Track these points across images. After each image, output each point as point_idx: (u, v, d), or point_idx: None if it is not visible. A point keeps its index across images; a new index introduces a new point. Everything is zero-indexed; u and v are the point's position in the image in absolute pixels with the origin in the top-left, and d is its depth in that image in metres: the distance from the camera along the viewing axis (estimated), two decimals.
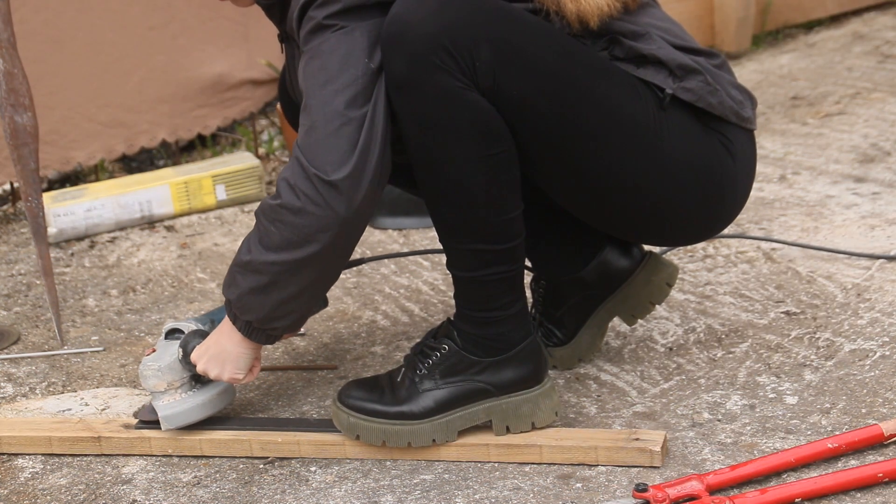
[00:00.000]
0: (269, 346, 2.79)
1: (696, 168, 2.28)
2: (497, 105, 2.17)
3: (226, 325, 2.32)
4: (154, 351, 2.42)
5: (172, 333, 2.43)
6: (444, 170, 2.19)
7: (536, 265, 2.56)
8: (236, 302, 2.26)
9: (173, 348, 2.40)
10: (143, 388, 2.47)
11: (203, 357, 2.35)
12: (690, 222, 2.35)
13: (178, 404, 2.40)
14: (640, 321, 2.70)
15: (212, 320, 2.46)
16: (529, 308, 2.58)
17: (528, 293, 2.59)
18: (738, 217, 3.19)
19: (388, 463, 2.35)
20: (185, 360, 2.39)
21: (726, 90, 2.30)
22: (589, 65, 2.21)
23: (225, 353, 2.33)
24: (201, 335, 2.40)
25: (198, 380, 2.42)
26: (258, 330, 2.29)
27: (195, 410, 2.40)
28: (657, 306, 2.60)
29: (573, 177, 2.26)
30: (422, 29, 2.12)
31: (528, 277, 2.69)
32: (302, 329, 2.85)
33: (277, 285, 2.20)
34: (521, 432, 2.32)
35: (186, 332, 2.41)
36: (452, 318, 2.33)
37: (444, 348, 2.30)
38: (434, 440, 2.31)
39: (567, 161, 2.24)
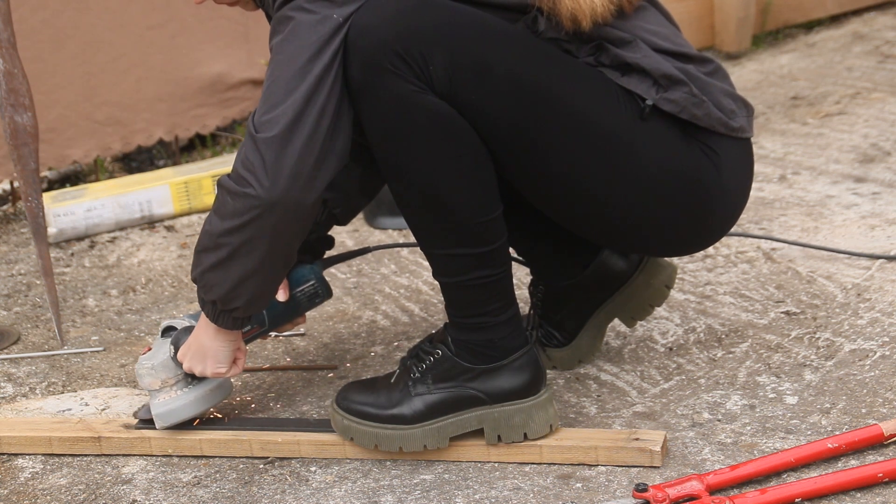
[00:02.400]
0: (269, 347, 2.79)
1: (676, 180, 2.25)
2: (457, 110, 2.16)
3: (202, 320, 2.33)
4: (150, 349, 2.43)
5: (168, 331, 2.43)
6: (410, 175, 2.18)
7: (534, 269, 2.55)
8: (199, 279, 2.26)
9: (166, 346, 2.40)
10: (140, 388, 2.47)
11: (186, 355, 2.37)
12: (676, 234, 2.32)
13: (171, 402, 2.40)
14: (639, 322, 2.70)
15: None
16: (528, 310, 2.58)
17: (526, 296, 2.60)
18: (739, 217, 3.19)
19: (388, 463, 2.35)
20: (177, 356, 2.39)
21: (716, 100, 2.27)
22: (558, 71, 2.19)
23: (203, 348, 2.34)
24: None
25: (194, 376, 2.42)
26: (223, 313, 2.28)
27: (187, 407, 2.40)
28: (657, 308, 2.60)
29: (541, 184, 2.24)
30: (375, 36, 2.12)
31: (526, 280, 2.69)
32: (302, 329, 2.85)
33: (234, 260, 2.20)
34: (513, 442, 2.31)
35: (179, 328, 2.41)
36: (446, 324, 2.33)
37: (438, 353, 2.30)
38: (425, 446, 2.31)
39: (532, 168, 2.22)
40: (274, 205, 2.12)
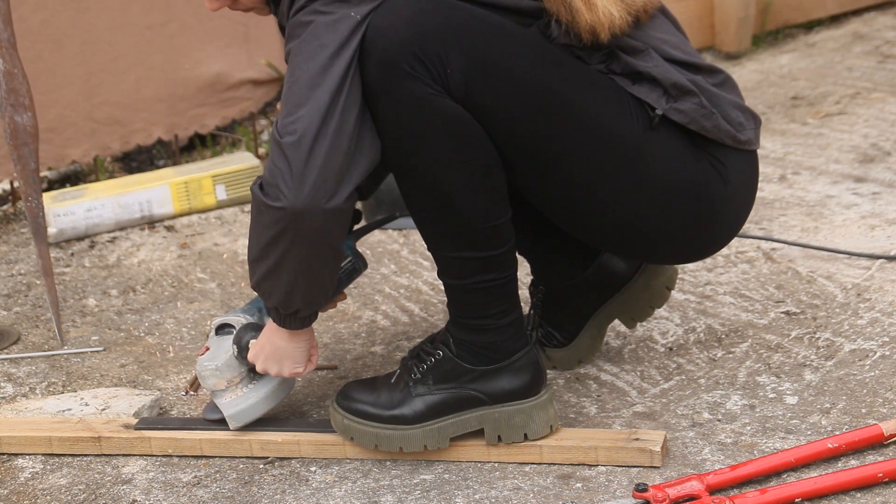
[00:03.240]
0: None
1: (684, 190, 2.25)
2: (472, 113, 2.16)
3: (272, 324, 2.32)
4: (208, 349, 2.42)
5: (222, 329, 2.42)
6: (423, 177, 2.18)
7: (535, 269, 2.55)
8: (257, 288, 2.26)
9: (227, 345, 2.39)
10: (204, 389, 2.47)
11: (260, 357, 2.35)
12: (679, 243, 2.32)
13: (242, 401, 2.39)
14: (639, 323, 2.70)
15: (259, 309, 2.44)
16: (528, 311, 2.58)
17: (526, 296, 2.60)
18: None
19: (388, 463, 2.35)
20: (241, 355, 2.38)
21: (725, 112, 2.27)
22: (571, 77, 2.19)
23: (279, 350, 2.33)
24: (253, 328, 2.39)
25: (255, 371, 2.41)
26: (287, 316, 2.28)
27: (260, 405, 2.40)
28: (657, 309, 2.59)
29: (550, 189, 2.25)
30: (393, 36, 2.12)
31: (527, 280, 2.68)
32: None
33: (281, 267, 2.19)
34: (514, 443, 2.31)
35: (237, 325, 2.41)
36: (448, 325, 2.33)
37: (439, 354, 2.30)
38: (426, 446, 2.31)
39: (543, 173, 2.22)
40: (303, 213, 2.10)
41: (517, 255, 2.31)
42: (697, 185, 2.26)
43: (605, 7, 2.17)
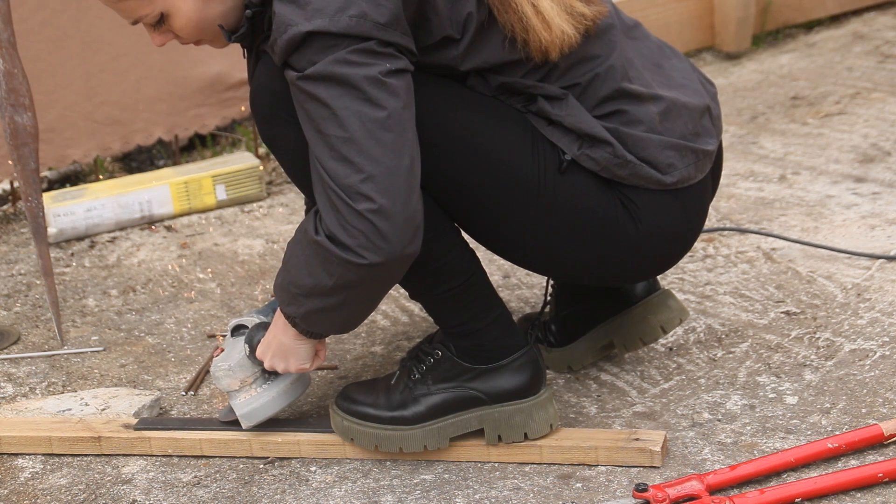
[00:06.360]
0: None
1: (589, 229, 2.23)
2: None
3: (280, 319, 2.30)
4: (222, 351, 2.42)
5: (238, 330, 2.42)
6: None
7: None
8: (302, 320, 2.24)
9: (240, 345, 2.39)
10: (219, 390, 2.47)
11: (267, 353, 2.34)
12: (602, 273, 2.31)
13: (254, 400, 2.39)
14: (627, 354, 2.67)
15: (273, 309, 2.44)
16: (529, 311, 2.58)
17: (526, 297, 2.60)
18: (739, 217, 3.20)
19: (388, 463, 2.35)
20: (253, 354, 2.38)
21: (651, 156, 2.23)
22: (479, 114, 2.20)
23: (285, 347, 2.31)
24: (265, 327, 2.38)
25: (271, 372, 2.40)
26: (308, 332, 2.27)
27: (271, 404, 2.40)
28: (648, 345, 2.58)
29: (465, 221, 2.25)
30: (264, 93, 2.17)
31: (528, 280, 2.69)
32: None
33: (343, 308, 2.19)
34: (514, 442, 2.31)
35: (250, 326, 2.41)
36: None
37: (438, 354, 2.30)
38: (426, 446, 2.31)
39: (456, 206, 2.23)
40: (384, 265, 2.09)
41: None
42: (604, 225, 2.24)
43: (560, 26, 2.17)
